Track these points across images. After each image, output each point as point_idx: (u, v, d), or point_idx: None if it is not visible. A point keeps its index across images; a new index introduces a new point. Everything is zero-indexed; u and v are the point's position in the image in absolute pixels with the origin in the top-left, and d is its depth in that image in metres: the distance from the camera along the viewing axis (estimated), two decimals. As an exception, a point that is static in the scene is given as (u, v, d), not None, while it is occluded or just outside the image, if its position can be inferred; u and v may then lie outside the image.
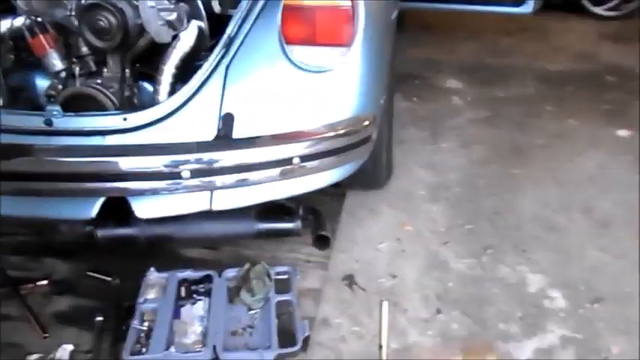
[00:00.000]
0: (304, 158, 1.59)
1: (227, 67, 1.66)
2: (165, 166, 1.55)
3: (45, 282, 1.93)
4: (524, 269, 1.99)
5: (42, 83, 1.92)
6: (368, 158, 1.92)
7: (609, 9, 4.66)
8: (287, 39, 1.65)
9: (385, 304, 1.19)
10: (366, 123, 1.75)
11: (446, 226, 2.22)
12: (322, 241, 1.82)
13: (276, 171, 1.58)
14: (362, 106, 1.73)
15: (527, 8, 3.48)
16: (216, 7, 1.83)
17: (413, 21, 4.37)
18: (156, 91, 1.73)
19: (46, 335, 1.71)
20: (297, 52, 1.65)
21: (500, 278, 1.96)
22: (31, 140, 1.60)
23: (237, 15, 1.71)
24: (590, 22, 4.57)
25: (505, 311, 1.82)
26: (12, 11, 1.85)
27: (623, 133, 2.91)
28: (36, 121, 1.62)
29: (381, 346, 1.18)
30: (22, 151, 1.55)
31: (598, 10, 4.66)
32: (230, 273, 1.87)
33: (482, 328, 1.75)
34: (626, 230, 2.18)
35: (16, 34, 1.81)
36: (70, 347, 1.64)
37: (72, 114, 1.64)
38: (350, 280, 1.95)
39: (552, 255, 2.06)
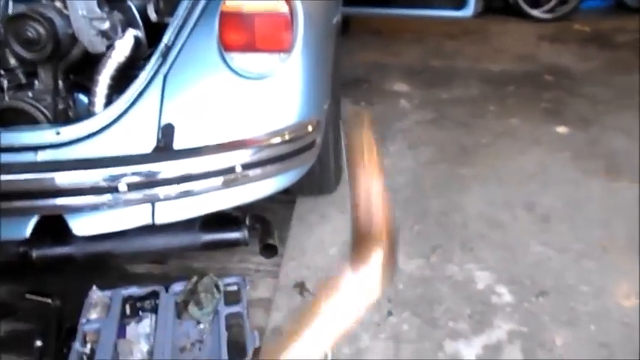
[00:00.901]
0: (247, 166, 1.56)
1: (165, 77, 1.61)
2: (103, 180, 1.49)
3: (-21, 307, 1.83)
4: (471, 267, 2.03)
5: (-31, 98, 1.84)
6: (316, 164, 1.92)
7: (546, 11, 4.86)
8: (226, 46, 1.62)
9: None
10: (310, 128, 1.74)
11: (395, 228, 2.23)
12: (269, 250, 1.79)
13: (218, 180, 1.55)
14: (305, 112, 1.72)
15: (468, 12, 3.59)
16: (152, 15, 1.78)
17: (361, 25, 4.44)
18: (91, 103, 1.67)
19: (-19, 364, 1.62)
20: (237, 59, 1.63)
21: (448, 277, 1.98)
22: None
23: (174, 22, 1.66)
24: (528, 25, 4.75)
25: (454, 309, 1.84)
26: None
27: (561, 129, 3.02)
28: (-37, 138, 1.54)
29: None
30: (-54, 170, 1.47)
31: (535, 12, 4.86)
32: (177, 287, 1.82)
33: (432, 328, 1.77)
34: (566, 224, 2.25)
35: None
36: (6, 375, 1.56)
37: (1, 129, 1.56)
38: (301, 287, 1.94)
39: (498, 252, 2.11)
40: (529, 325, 1.77)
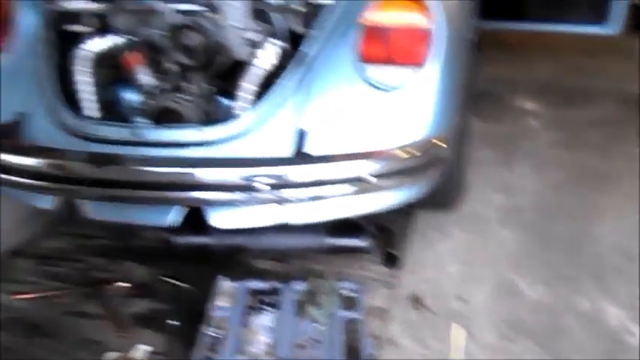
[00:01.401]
0: (378, 176, 1.60)
1: (304, 85, 1.71)
2: (242, 178, 1.61)
3: (125, 284, 2.04)
4: (603, 301, 1.89)
5: (131, 98, 2.06)
6: (440, 179, 1.91)
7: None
8: (362, 57, 1.68)
9: (455, 326, 1.16)
10: (440, 143, 1.74)
11: (519, 251, 2.15)
12: (392, 260, 1.81)
13: (349, 188, 1.60)
14: (435, 127, 1.73)
15: (612, 28, 3.33)
16: (298, 28, 1.88)
17: (489, 38, 4.30)
18: (234, 107, 1.80)
19: (124, 335, 1.80)
20: (372, 70, 1.68)
21: (576, 309, 1.87)
22: (120, 150, 1.71)
23: (315, 34, 1.76)
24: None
25: (581, 344, 1.73)
26: (108, 30, 2.00)
27: None
28: (125, 133, 1.74)
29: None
30: (112, 160, 1.66)
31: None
32: (298, 286, 1.90)
33: (555, 361, 1.68)
34: None
35: (110, 51, 1.94)
36: (146, 348, 1.71)
37: (156, 127, 1.74)
38: (417, 301, 1.93)
39: (634, 287, 1.94)
40: (669, 372, 1.62)
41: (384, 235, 1.87)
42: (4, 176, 1.74)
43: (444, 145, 1.75)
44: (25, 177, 1.71)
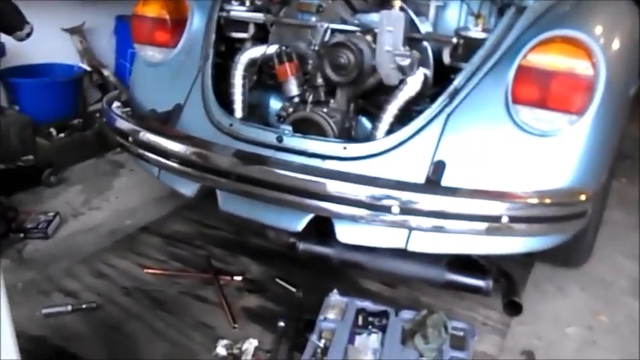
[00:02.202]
0: (514, 219, 1.55)
1: (448, 116, 1.71)
2: (374, 197, 1.62)
3: (240, 278, 2.14)
4: None
5: (275, 104, 2.18)
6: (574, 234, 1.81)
7: None
8: (515, 98, 1.65)
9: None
10: (583, 197, 1.65)
11: (649, 327, 1.98)
12: (513, 307, 1.74)
13: (482, 225, 1.56)
14: (582, 179, 1.65)
15: None
16: (446, 59, 1.89)
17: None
18: (375, 128, 1.84)
19: (236, 326, 1.88)
20: (524, 113, 1.64)
21: None
22: (263, 152, 1.81)
23: (468, 68, 1.76)
24: None
25: None
26: (266, 39, 2.14)
27: None
28: (269, 137, 1.84)
29: None
30: (256, 159, 1.76)
31: None
32: (406, 314, 1.88)
33: None
34: None
35: (265, 60, 2.06)
36: (255, 342, 1.78)
37: (300, 135, 1.82)
38: (529, 356, 1.83)
39: None
40: None
41: (505, 279, 1.80)
42: (156, 157, 1.91)
43: (588, 199, 1.66)
44: (174, 161, 1.86)
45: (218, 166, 1.77)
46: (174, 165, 1.86)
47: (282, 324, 1.87)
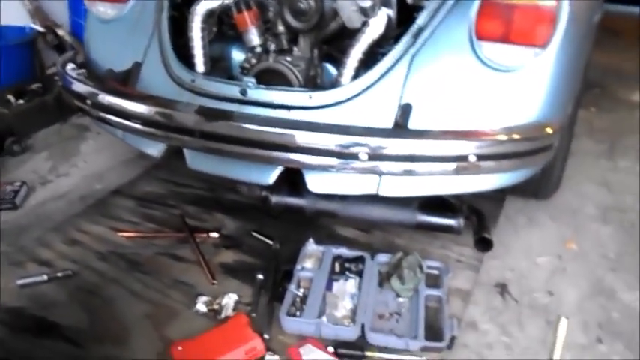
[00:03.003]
0: (481, 157, 1.55)
1: (413, 57, 1.68)
2: (341, 145, 1.60)
3: (216, 234, 2.14)
4: None
5: (237, 56, 2.10)
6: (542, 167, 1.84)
7: None
8: (479, 34, 1.62)
9: (564, 320, 1.14)
10: (550, 131, 1.66)
11: (616, 251, 2.05)
12: (484, 244, 1.77)
13: (450, 166, 1.57)
14: (547, 112, 1.65)
15: None
16: None
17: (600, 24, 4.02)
18: (340, 74, 1.80)
19: (214, 282, 1.90)
20: (487, 48, 1.61)
21: (674, 318, 1.77)
22: (227, 106, 1.77)
23: (431, 6, 1.71)
24: None
25: (677, 356, 1.64)
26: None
27: None
28: (232, 90, 1.79)
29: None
30: (221, 115, 1.71)
31: None
32: (382, 257, 1.92)
33: (646, 369, 1.61)
34: None
35: (224, 9, 1.98)
36: (234, 296, 1.80)
37: (264, 87, 1.78)
38: (502, 288, 1.89)
39: None
40: None
41: (476, 217, 1.82)
42: (117, 119, 1.85)
43: (555, 132, 1.67)
44: (136, 123, 1.81)
45: (182, 125, 1.73)
46: (137, 126, 1.81)
47: (260, 276, 1.88)
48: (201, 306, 1.76)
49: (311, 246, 1.97)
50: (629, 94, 3.29)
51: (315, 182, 1.71)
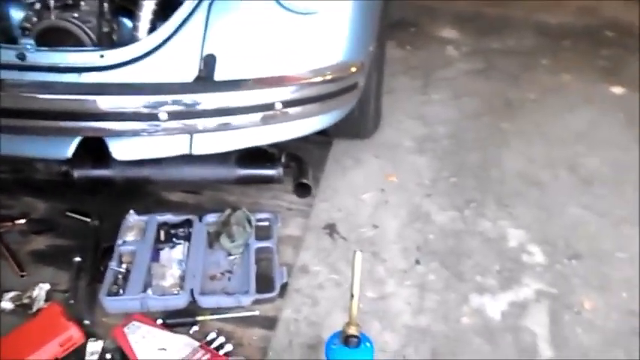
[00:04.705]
0: (287, 104, 1.54)
1: (210, 5, 1.58)
2: (143, 106, 1.50)
3: (23, 221, 1.91)
4: (505, 224, 2.00)
5: (17, 15, 1.84)
6: (355, 107, 1.88)
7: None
8: None
9: (359, 254, 1.18)
10: (354, 69, 1.69)
11: (431, 178, 2.21)
12: (303, 189, 1.79)
13: (257, 116, 1.53)
14: (350, 52, 1.67)
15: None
16: None
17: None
18: (135, 28, 1.65)
19: (24, 274, 1.70)
20: (284, -8, 1.57)
21: (480, 232, 1.96)
22: (7, 75, 1.54)
23: (223, -50, 1.61)
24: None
25: (483, 264, 1.83)
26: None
27: (617, 90, 2.86)
28: (8, 55, 1.55)
29: (352, 296, 1.17)
30: (-4, 85, 1.49)
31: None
32: (210, 218, 1.86)
33: (459, 280, 1.77)
34: (610, 188, 2.17)
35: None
36: (46, 286, 1.64)
37: (46, 49, 1.57)
38: (331, 228, 1.95)
39: (534, 211, 2.06)
40: (558, 287, 1.75)
41: (295, 164, 1.83)
42: None
43: (358, 71, 1.70)
44: None
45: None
46: None
47: (78, 259, 1.73)
48: (6, 304, 1.57)
49: (132, 217, 1.84)
50: (441, 31, 3.51)
51: (119, 149, 1.58)
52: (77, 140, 1.56)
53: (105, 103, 1.50)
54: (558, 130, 2.54)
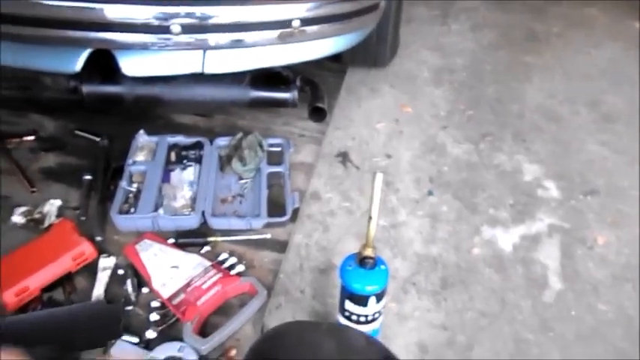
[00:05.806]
0: (306, 22, 1.46)
1: None
2: (154, 17, 1.42)
3: (31, 137, 1.88)
4: (521, 158, 1.96)
5: None
6: (373, 33, 1.80)
7: None
8: None
9: (379, 175, 1.15)
10: (375, -11, 1.60)
11: (447, 110, 2.15)
12: (318, 114, 1.74)
13: (273, 33, 1.46)
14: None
15: None
16: None
17: None
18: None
19: (34, 190, 1.69)
20: None
21: (496, 165, 1.92)
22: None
23: None
24: None
25: (497, 197, 1.81)
26: None
27: (644, 26, 2.75)
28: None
29: (370, 217, 1.15)
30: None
31: None
32: (222, 141, 1.83)
33: (471, 212, 1.75)
34: (629, 126, 2.12)
35: None
36: (57, 202, 1.63)
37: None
38: (344, 157, 1.91)
39: (551, 146, 2.02)
40: (572, 222, 1.73)
41: (310, 87, 1.77)
42: None
43: (379, -9, 1.62)
44: None
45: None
46: None
47: (88, 177, 1.71)
48: (17, 218, 1.57)
49: (142, 137, 1.81)
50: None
51: (129, 65, 1.51)
52: (86, 53, 1.50)
53: (113, 12, 1.43)
54: (581, 65, 2.45)
